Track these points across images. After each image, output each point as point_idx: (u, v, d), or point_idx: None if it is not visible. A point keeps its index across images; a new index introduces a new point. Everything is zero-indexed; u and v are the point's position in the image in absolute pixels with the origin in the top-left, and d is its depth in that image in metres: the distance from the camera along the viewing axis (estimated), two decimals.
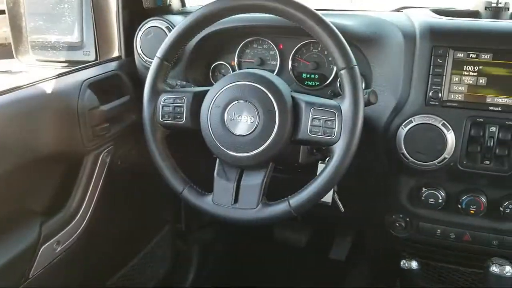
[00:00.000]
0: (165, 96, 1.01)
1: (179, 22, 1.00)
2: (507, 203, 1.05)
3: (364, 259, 1.76)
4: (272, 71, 1.23)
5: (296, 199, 0.91)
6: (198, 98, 0.99)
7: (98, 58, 1.31)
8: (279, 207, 0.93)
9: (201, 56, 1.27)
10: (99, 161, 1.17)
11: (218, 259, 1.88)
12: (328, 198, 1.07)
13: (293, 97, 0.94)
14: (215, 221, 1.79)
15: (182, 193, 1.00)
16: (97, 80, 1.16)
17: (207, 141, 0.97)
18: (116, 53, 1.33)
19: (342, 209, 1.13)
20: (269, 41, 1.23)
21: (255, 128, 0.92)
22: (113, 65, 1.27)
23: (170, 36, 0.99)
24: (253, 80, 0.94)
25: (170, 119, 1.01)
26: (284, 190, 0.94)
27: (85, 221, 1.16)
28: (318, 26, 0.89)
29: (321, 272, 1.78)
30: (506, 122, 0.97)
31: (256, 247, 1.89)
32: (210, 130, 0.96)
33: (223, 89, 0.95)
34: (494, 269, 1.04)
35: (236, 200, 0.96)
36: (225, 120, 0.94)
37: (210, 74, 1.30)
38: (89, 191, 1.16)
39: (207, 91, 0.99)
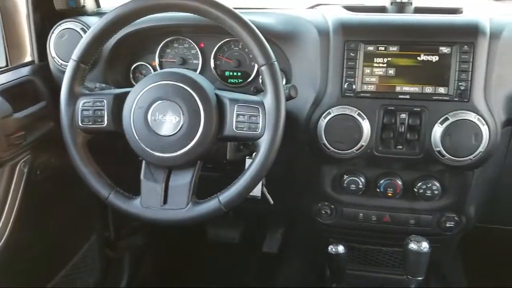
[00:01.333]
0: (84, 99, 0.98)
1: (95, 23, 0.97)
2: (420, 184, 1.14)
3: (295, 249, 1.82)
4: (195, 70, 1.23)
5: (226, 195, 0.93)
6: (119, 100, 0.97)
7: (9, 63, 1.24)
8: (210, 205, 0.93)
9: (120, 57, 1.24)
10: (16, 172, 1.11)
11: (152, 264, 1.85)
12: (257, 191, 1.10)
13: (217, 95, 0.95)
14: (145, 226, 1.76)
15: (108, 198, 0.97)
16: (8, 86, 1.10)
17: (132, 143, 0.96)
18: (28, 58, 1.27)
19: (272, 202, 1.17)
20: (190, 40, 1.23)
21: (181, 128, 0.92)
22: (25, 70, 1.21)
23: (86, 37, 0.96)
24: (176, 79, 0.94)
25: (90, 123, 0.98)
26: (215, 188, 0.95)
27: (5, 236, 1.09)
28: (236, 24, 0.91)
29: (255, 266, 1.82)
30: (414, 109, 1.05)
31: (190, 248, 1.88)
32: (134, 132, 0.94)
33: (145, 90, 0.94)
34: (413, 246, 1.12)
35: (165, 201, 0.95)
36: (149, 121, 0.93)
37: (131, 75, 1.27)
38: (7, 204, 1.10)
39: (128, 92, 0.97)
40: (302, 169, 1.26)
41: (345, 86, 1.07)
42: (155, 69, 1.26)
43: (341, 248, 1.25)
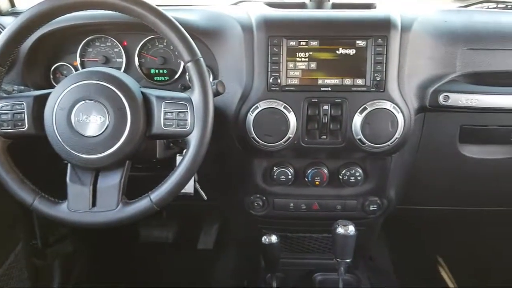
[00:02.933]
0: (2, 103, 0.94)
1: (10, 23, 0.92)
2: (344, 171, 1.20)
3: (231, 244, 1.84)
4: (119, 69, 1.20)
5: (157, 193, 0.92)
6: (40, 102, 0.94)
7: None
8: (141, 204, 0.93)
9: (39, 57, 1.19)
10: None
11: (84, 269, 1.79)
12: (189, 188, 1.10)
13: (143, 93, 0.94)
14: (74, 232, 1.70)
15: (32, 204, 0.94)
16: None
17: (55, 146, 0.92)
18: None
19: (205, 197, 1.17)
20: (112, 38, 1.21)
21: (106, 128, 0.90)
22: None
23: (1, 38, 0.91)
24: (99, 78, 0.92)
25: (10, 127, 0.93)
26: (146, 189, 0.94)
27: None
28: (160, 22, 0.90)
29: (191, 264, 1.82)
30: (336, 100, 1.10)
31: (123, 251, 1.84)
32: (57, 134, 0.91)
33: (67, 90, 0.91)
34: (340, 230, 1.17)
35: (94, 203, 0.93)
36: (73, 122, 0.91)
37: (51, 76, 1.22)
38: None
39: (49, 93, 0.93)
40: (233, 163, 1.29)
41: (271, 80, 1.10)
42: (76, 69, 1.22)
43: (274, 238, 1.28)
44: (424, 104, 1.13)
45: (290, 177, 1.20)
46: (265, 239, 1.28)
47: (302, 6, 1.29)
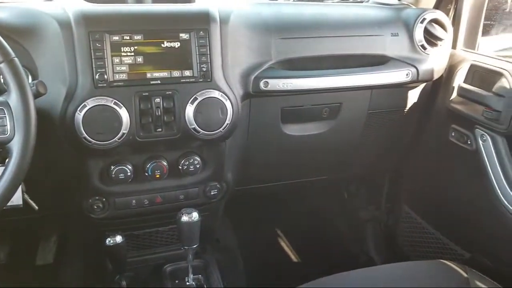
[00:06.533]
0: None
1: None
2: (183, 161, 1.23)
3: (73, 253, 1.74)
4: None
5: None
6: None
7: None
8: None
9: None
10: None
11: None
12: (17, 200, 1.02)
13: None
14: None
15: None
16: None
17: None
18: None
19: (36, 208, 1.09)
20: None
21: None
22: None
23: None
24: None
25: None
26: None
27: None
28: None
29: (30, 283, 1.66)
30: (167, 93, 1.12)
31: None
32: None
33: None
34: (184, 218, 1.21)
35: None
36: None
37: None
38: None
39: None
40: (66, 167, 1.21)
41: (97, 77, 1.07)
42: None
43: (119, 238, 1.26)
44: (248, 90, 1.23)
45: (129, 174, 1.18)
46: (109, 240, 1.25)
47: (123, 1, 1.27)
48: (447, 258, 1.19)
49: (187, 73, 1.13)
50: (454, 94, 1.42)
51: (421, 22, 1.36)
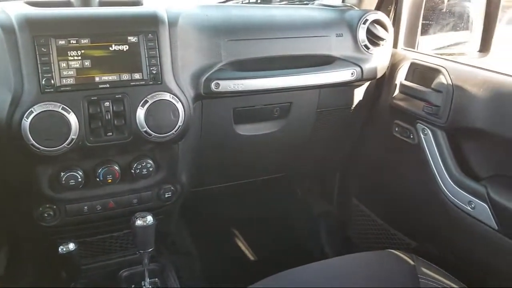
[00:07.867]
0: None
1: None
2: (135, 164, 1.22)
3: (25, 264, 1.68)
4: None
5: None
6: None
7: None
8: None
9: None
10: None
11: None
12: None
13: None
14: None
15: None
16: None
17: None
18: None
19: None
20: None
21: None
22: None
23: None
24: None
25: None
26: None
27: None
28: None
29: None
30: (116, 96, 1.11)
31: None
32: None
33: None
34: (139, 222, 1.20)
35: None
36: None
37: None
38: None
39: None
40: (13, 174, 1.18)
41: (43, 82, 1.04)
42: None
43: (72, 246, 1.24)
44: (199, 92, 1.23)
45: (80, 180, 1.16)
46: (61, 248, 1.22)
47: (68, 4, 1.25)
48: (396, 248, 1.24)
49: (137, 76, 1.13)
50: (397, 91, 1.49)
51: (364, 23, 1.42)
